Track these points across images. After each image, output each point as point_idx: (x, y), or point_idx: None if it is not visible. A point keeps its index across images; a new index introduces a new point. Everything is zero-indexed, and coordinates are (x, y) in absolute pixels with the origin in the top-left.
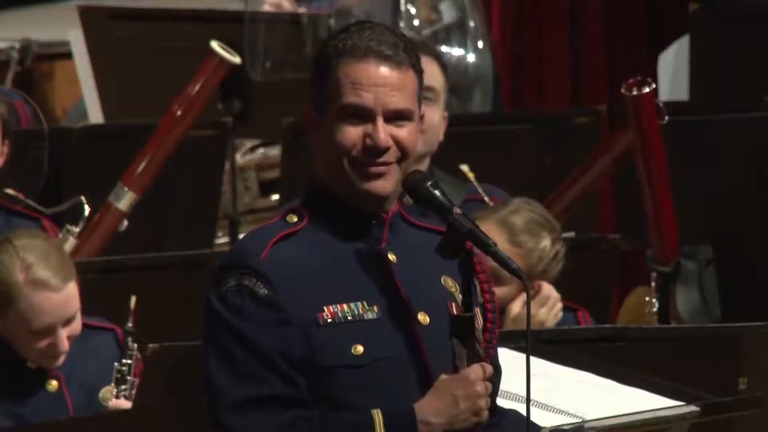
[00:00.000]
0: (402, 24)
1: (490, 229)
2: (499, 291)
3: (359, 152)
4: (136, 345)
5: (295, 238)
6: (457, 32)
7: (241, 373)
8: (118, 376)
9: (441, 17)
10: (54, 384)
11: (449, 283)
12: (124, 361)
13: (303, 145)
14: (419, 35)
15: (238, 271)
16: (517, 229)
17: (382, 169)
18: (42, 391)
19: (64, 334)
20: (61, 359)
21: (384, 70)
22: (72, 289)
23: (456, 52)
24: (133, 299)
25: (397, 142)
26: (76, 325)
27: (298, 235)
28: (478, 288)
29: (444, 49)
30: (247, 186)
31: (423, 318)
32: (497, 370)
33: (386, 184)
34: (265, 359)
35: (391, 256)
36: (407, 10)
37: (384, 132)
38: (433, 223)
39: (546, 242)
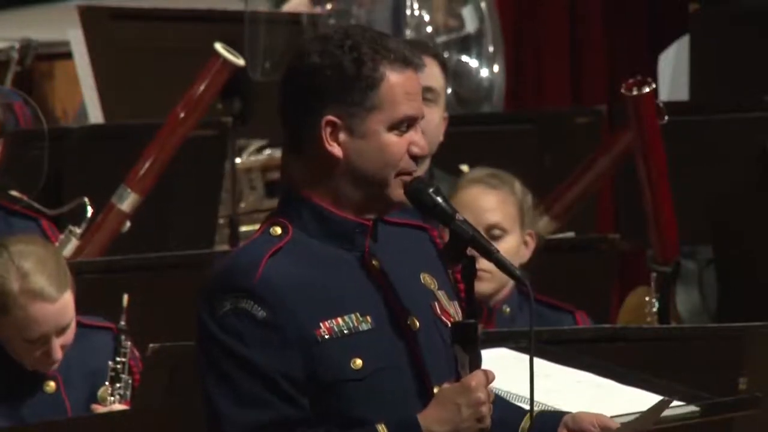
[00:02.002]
0: (408, 31)
1: (479, 193)
2: (500, 246)
3: (406, 162)
4: (129, 343)
5: (283, 253)
6: (475, 44)
7: (245, 398)
8: (113, 374)
9: (463, 24)
10: (52, 385)
11: (428, 279)
12: (118, 359)
13: None
14: (432, 42)
15: (234, 294)
16: (494, 182)
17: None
18: (39, 392)
19: (57, 343)
20: (55, 366)
21: (417, 78)
22: (68, 298)
23: (472, 63)
24: (126, 297)
25: None
26: (70, 334)
27: (285, 248)
28: (453, 280)
29: (463, 58)
30: (252, 186)
31: (413, 323)
32: None
33: None
34: (268, 382)
35: (375, 263)
36: (420, 16)
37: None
38: (405, 218)
39: (516, 184)
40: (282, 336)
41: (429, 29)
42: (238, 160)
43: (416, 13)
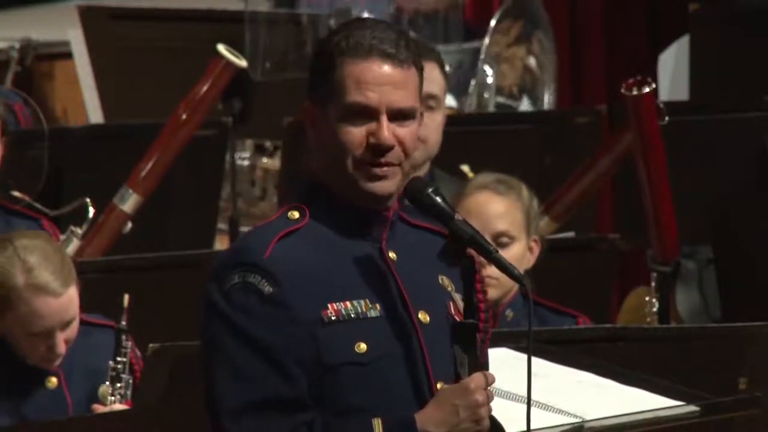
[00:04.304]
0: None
1: (487, 200)
2: (507, 254)
3: (363, 152)
4: (130, 343)
5: (297, 236)
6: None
7: (244, 374)
8: (113, 374)
9: (520, 101)
10: (53, 381)
11: (446, 282)
12: (118, 359)
13: (303, 144)
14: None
15: (242, 268)
16: (502, 189)
17: (385, 170)
18: (41, 388)
19: (61, 337)
20: (58, 362)
21: (387, 69)
22: (72, 293)
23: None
24: (126, 297)
25: (400, 141)
26: (74, 329)
27: (299, 232)
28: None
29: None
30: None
31: (423, 317)
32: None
33: (388, 184)
34: (269, 358)
35: (392, 255)
36: (482, 70)
37: (388, 130)
38: (430, 223)
39: (524, 190)
40: (287, 313)
41: (489, 80)
42: (265, 159)
43: (488, 74)
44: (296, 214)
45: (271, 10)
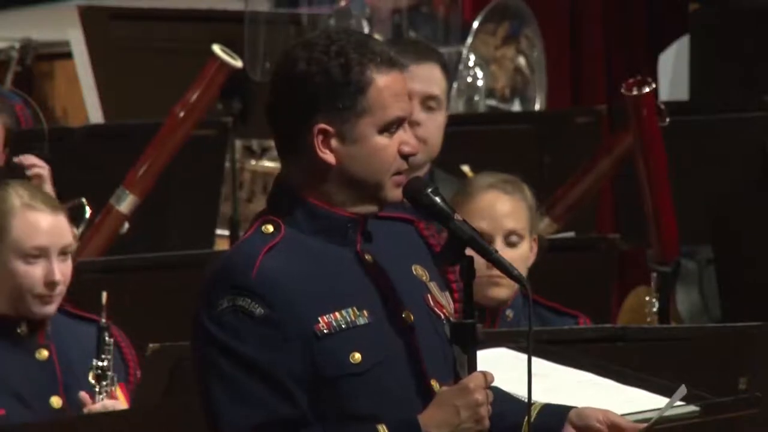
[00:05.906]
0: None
1: (495, 199)
2: (512, 253)
3: (399, 162)
4: (112, 340)
5: (277, 250)
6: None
7: (244, 398)
8: (99, 372)
9: (511, 104)
10: (44, 353)
11: (419, 271)
12: (102, 356)
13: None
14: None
15: (231, 291)
16: (509, 188)
17: (405, 176)
18: (31, 359)
19: (58, 265)
20: (53, 307)
21: (403, 78)
22: (64, 221)
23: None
24: (104, 294)
25: None
26: (69, 265)
27: (279, 245)
28: (442, 272)
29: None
30: (266, 190)
31: (408, 316)
32: None
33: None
34: (267, 379)
35: (368, 257)
36: (473, 74)
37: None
38: (390, 211)
39: (526, 189)
40: (281, 332)
41: (480, 83)
42: (253, 162)
43: (479, 77)
44: (270, 228)
45: (271, 10)
